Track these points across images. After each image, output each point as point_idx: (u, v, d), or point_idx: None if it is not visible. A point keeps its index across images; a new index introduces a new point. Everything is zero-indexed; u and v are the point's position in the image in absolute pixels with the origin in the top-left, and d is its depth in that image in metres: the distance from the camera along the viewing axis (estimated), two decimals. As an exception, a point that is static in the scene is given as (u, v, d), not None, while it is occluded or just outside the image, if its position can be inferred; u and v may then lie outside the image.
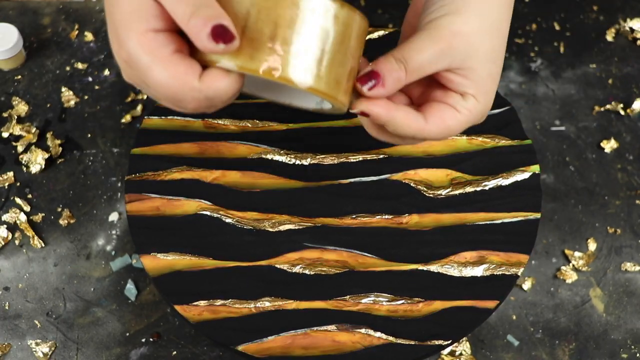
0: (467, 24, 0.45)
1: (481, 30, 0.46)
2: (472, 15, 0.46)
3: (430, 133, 0.47)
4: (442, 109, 0.47)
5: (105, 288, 0.67)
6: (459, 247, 0.55)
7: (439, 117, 0.46)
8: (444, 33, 0.45)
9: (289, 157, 0.59)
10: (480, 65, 0.46)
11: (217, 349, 0.64)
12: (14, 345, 0.64)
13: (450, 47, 0.45)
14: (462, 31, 0.45)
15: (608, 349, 0.65)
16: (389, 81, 0.45)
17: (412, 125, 0.46)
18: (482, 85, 0.46)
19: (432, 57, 0.45)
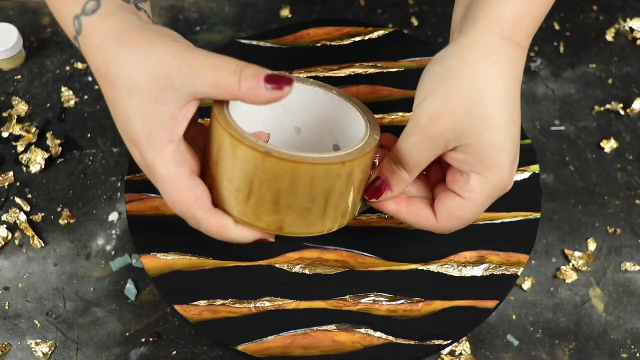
0: (445, 104, 0.43)
1: (466, 103, 0.43)
2: (450, 90, 0.44)
3: (444, 229, 0.47)
4: (449, 201, 0.46)
5: (105, 288, 0.67)
6: (459, 247, 0.55)
7: (447, 212, 0.46)
8: (424, 122, 0.44)
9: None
10: (476, 138, 0.43)
11: (217, 349, 0.64)
12: (14, 345, 0.64)
13: (434, 134, 0.44)
14: (441, 113, 0.43)
15: (608, 349, 0.65)
16: (394, 184, 0.47)
17: (424, 224, 0.47)
18: (485, 158, 0.44)
19: (424, 150, 0.44)
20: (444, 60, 0.45)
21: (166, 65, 0.42)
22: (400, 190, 0.47)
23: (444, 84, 0.44)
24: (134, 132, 0.43)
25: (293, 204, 0.43)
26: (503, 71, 0.44)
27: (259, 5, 0.83)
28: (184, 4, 0.83)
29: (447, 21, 0.82)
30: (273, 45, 0.64)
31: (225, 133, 0.42)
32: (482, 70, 0.44)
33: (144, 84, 0.42)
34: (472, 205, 0.45)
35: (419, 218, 0.47)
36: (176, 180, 0.43)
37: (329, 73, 0.62)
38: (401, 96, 0.62)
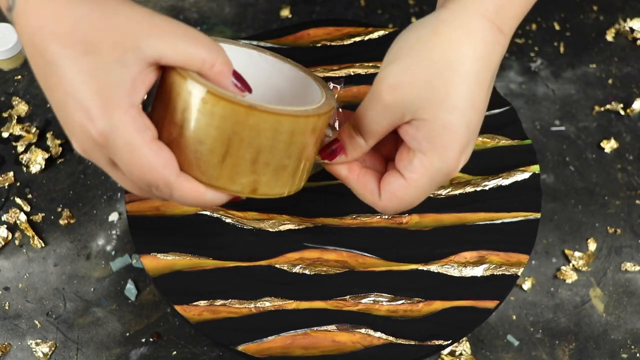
0: (407, 73, 0.42)
1: (430, 76, 0.41)
2: (416, 60, 0.42)
3: (385, 209, 0.46)
4: (393, 180, 0.45)
5: (105, 288, 0.67)
6: (459, 247, 0.55)
7: (389, 192, 0.45)
8: (382, 88, 0.42)
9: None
10: (432, 115, 0.42)
11: (217, 349, 0.64)
12: (14, 345, 0.64)
13: (391, 102, 0.42)
14: (402, 82, 0.42)
15: (608, 349, 0.65)
16: (350, 149, 0.46)
17: (368, 199, 0.46)
18: (435, 139, 0.42)
19: (380, 118, 0.43)
20: (417, 29, 0.43)
21: (134, 24, 0.39)
22: (354, 156, 0.46)
23: (411, 53, 0.42)
24: (87, 98, 0.39)
25: (271, 162, 0.42)
26: (476, 51, 0.42)
27: (259, 5, 0.83)
28: (184, 4, 0.83)
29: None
30: (273, 45, 0.64)
31: (197, 90, 0.40)
32: (454, 46, 0.42)
33: (105, 44, 0.38)
34: (413, 186, 0.44)
35: (365, 190, 0.46)
36: (142, 145, 0.39)
37: (329, 73, 0.62)
38: (401, 96, 0.62)
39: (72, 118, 0.39)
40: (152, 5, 0.82)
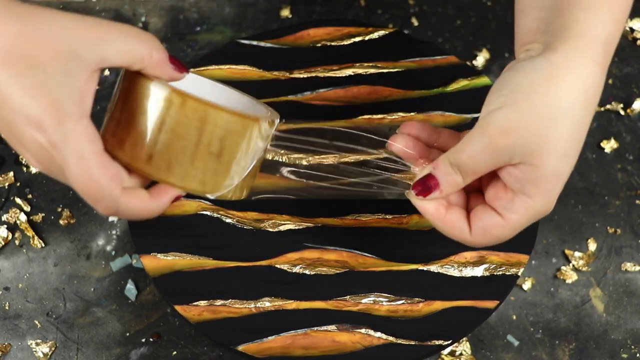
0: (525, 118, 0.42)
1: (544, 122, 0.42)
2: (531, 105, 0.42)
3: (476, 244, 0.46)
4: (487, 218, 0.45)
5: (105, 288, 0.67)
6: (459, 247, 0.55)
7: (483, 229, 0.45)
8: (494, 132, 0.42)
9: (289, 157, 0.59)
10: (544, 162, 0.42)
11: (217, 349, 0.64)
12: (14, 345, 0.64)
13: (502, 146, 0.42)
14: (516, 127, 0.42)
15: (608, 349, 0.65)
16: (445, 186, 0.45)
17: (457, 235, 0.46)
18: (543, 183, 0.43)
19: (487, 159, 0.43)
20: (530, 72, 0.43)
21: (68, 32, 0.39)
22: (449, 192, 0.46)
23: (525, 98, 0.42)
24: (37, 113, 0.38)
25: (200, 157, 0.44)
26: (587, 99, 0.43)
27: (259, 5, 0.83)
28: (184, 4, 0.83)
29: (447, 21, 0.82)
30: (273, 45, 0.64)
31: (165, 92, 0.42)
32: (568, 94, 0.42)
33: (46, 56, 0.38)
34: (511, 226, 0.44)
35: (453, 229, 0.46)
36: (92, 157, 0.40)
37: (329, 73, 0.62)
38: (401, 96, 0.62)
39: (23, 135, 0.40)
40: (152, 6, 0.82)
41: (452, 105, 0.61)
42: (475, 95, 0.61)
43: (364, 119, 0.60)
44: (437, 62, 0.63)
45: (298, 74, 0.62)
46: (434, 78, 0.62)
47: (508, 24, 0.82)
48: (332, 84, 0.62)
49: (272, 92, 0.62)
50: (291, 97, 0.61)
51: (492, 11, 0.83)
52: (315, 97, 0.61)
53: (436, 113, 0.61)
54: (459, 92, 0.62)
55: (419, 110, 0.61)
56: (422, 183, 0.46)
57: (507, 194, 0.44)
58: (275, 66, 0.63)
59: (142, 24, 0.81)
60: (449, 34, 0.81)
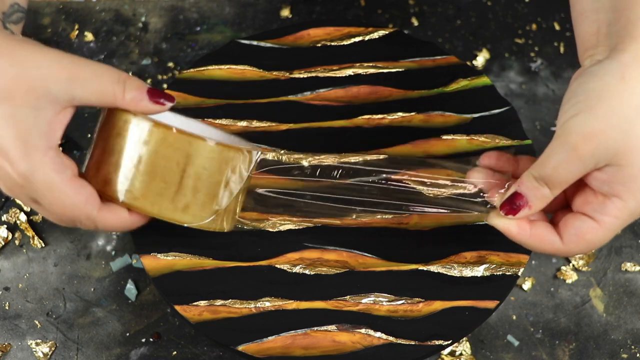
0: (604, 121, 0.42)
1: (625, 122, 0.42)
2: (609, 108, 0.42)
3: (569, 252, 0.46)
4: (579, 223, 0.44)
5: (105, 288, 0.67)
6: (459, 247, 0.55)
7: (576, 235, 0.45)
8: (575, 139, 0.42)
9: (289, 157, 0.59)
10: (629, 161, 0.42)
11: (217, 349, 0.64)
12: (14, 345, 0.64)
13: (586, 153, 0.42)
14: (598, 130, 0.42)
15: (608, 349, 0.65)
16: (534, 201, 0.45)
17: (548, 248, 0.46)
18: (632, 183, 0.42)
19: (572, 168, 0.43)
20: (602, 76, 0.43)
21: (44, 70, 0.41)
22: (539, 207, 0.45)
23: (602, 101, 0.42)
24: (6, 143, 0.40)
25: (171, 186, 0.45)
26: None
27: (259, 5, 0.83)
28: (184, 4, 0.83)
29: (447, 21, 0.82)
30: (273, 46, 0.64)
31: (144, 123, 0.43)
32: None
33: (18, 91, 0.40)
34: (606, 229, 0.44)
35: (543, 242, 0.46)
36: (62, 185, 0.42)
37: (329, 73, 0.62)
38: (401, 96, 0.62)
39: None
40: (152, 6, 0.82)
41: (452, 105, 0.61)
42: (475, 95, 0.61)
43: (364, 119, 0.60)
44: (437, 62, 0.63)
45: (298, 74, 0.62)
46: (434, 78, 0.62)
47: (508, 24, 0.82)
48: (332, 84, 0.62)
49: (272, 92, 0.62)
50: (291, 97, 0.61)
51: (492, 11, 0.83)
52: (315, 97, 0.61)
53: (436, 113, 0.61)
54: (459, 92, 0.62)
55: (419, 110, 0.61)
56: (510, 202, 0.46)
57: (598, 198, 0.44)
58: (275, 66, 0.63)
59: (142, 24, 0.81)
60: (449, 34, 0.81)
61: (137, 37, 0.80)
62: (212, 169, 0.45)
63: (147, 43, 0.80)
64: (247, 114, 0.61)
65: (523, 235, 0.46)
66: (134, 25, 0.81)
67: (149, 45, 0.79)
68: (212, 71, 0.62)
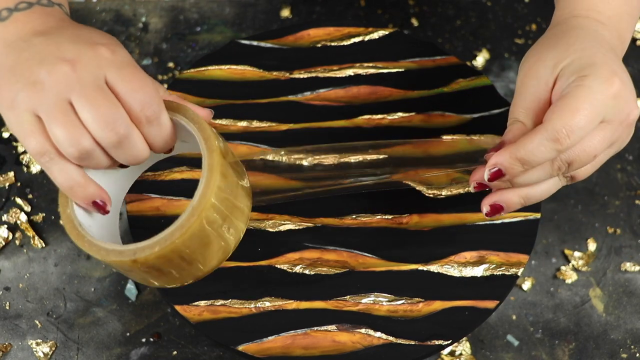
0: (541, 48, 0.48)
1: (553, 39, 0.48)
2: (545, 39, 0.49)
3: (556, 122, 0.44)
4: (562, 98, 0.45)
5: (106, 288, 0.67)
6: (459, 247, 0.55)
7: (556, 106, 0.45)
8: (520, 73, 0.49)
9: (289, 157, 0.59)
10: (576, 56, 0.46)
11: (217, 349, 0.64)
12: (15, 345, 0.64)
13: (531, 71, 0.47)
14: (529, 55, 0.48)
15: (608, 349, 0.65)
16: (510, 135, 0.48)
17: (537, 132, 0.45)
18: (584, 69, 0.45)
19: (526, 87, 0.47)
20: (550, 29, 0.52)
21: None
22: (516, 135, 0.47)
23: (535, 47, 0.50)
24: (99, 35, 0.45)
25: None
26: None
27: (259, 6, 0.83)
28: (184, 4, 0.83)
29: (447, 21, 0.82)
30: (273, 46, 0.64)
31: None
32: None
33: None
34: (589, 91, 0.44)
35: (533, 130, 0.45)
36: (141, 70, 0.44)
37: (329, 73, 0.62)
38: (401, 96, 0.62)
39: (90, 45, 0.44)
40: (153, 6, 0.82)
41: (452, 105, 0.61)
42: (475, 95, 0.61)
43: (364, 119, 0.60)
44: (437, 62, 0.63)
45: (298, 74, 0.62)
46: (434, 78, 0.62)
47: (508, 24, 0.82)
48: (332, 84, 0.62)
49: (272, 92, 0.62)
50: (291, 97, 0.61)
51: (492, 11, 0.83)
52: (315, 97, 0.61)
53: (436, 113, 0.61)
54: (459, 92, 0.62)
55: (419, 111, 0.61)
56: (494, 149, 0.48)
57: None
58: (275, 66, 0.63)
59: (142, 24, 0.81)
60: (449, 34, 0.81)
61: (138, 37, 0.80)
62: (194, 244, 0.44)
63: (148, 43, 0.80)
64: (247, 114, 0.61)
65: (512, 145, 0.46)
66: (134, 26, 0.81)
67: (149, 45, 0.79)
68: (212, 71, 0.62)
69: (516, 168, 0.45)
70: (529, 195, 0.48)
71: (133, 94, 0.42)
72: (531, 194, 0.48)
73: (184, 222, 0.43)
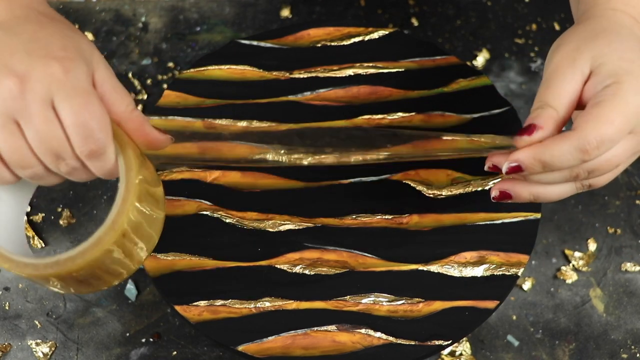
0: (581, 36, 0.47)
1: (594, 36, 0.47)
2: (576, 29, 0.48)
3: (585, 133, 0.44)
4: (583, 113, 0.45)
5: (106, 288, 0.67)
6: (459, 247, 0.55)
7: (590, 114, 0.44)
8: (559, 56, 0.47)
9: (289, 157, 0.59)
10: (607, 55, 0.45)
11: (217, 349, 0.64)
12: (14, 345, 0.64)
13: (575, 61, 0.46)
14: (578, 40, 0.47)
15: (608, 349, 0.65)
16: (544, 122, 0.46)
17: (566, 139, 0.44)
18: (618, 74, 0.44)
19: (564, 79, 0.46)
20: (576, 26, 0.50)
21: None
22: (550, 127, 0.46)
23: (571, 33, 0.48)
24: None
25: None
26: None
27: (259, 5, 0.83)
28: (184, 4, 0.83)
29: (447, 21, 0.82)
30: (273, 46, 0.64)
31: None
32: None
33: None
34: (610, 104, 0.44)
35: (558, 136, 0.45)
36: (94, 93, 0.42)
37: (329, 73, 0.62)
38: (401, 96, 0.62)
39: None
40: (152, 6, 0.82)
41: (452, 105, 0.61)
42: (475, 95, 0.61)
43: (364, 119, 0.60)
44: (437, 62, 0.63)
45: (298, 74, 0.62)
46: (434, 78, 0.62)
47: (508, 24, 0.82)
48: (332, 84, 0.62)
49: (272, 92, 0.62)
50: (291, 97, 0.61)
51: (492, 11, 0.83)
52: (315, 97, 0.61)
53: (436, 113, 0.61)
54: (459, 92, 0.62)
55: (419, 111, 0.61)
56: (523, 129, 0.47)
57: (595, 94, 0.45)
58: (275, 66, 0.63)
59: (142, 24, 0.81)
60: (449, 34, 0.81)
61: (137, 37, 0.80)
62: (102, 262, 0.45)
63: (147, 43, 0.80)
64: (247, 114, 0.61)
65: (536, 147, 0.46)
66: (134, 26, 0.81)
67: (149, 45, 0.79)
68: (212, 71, 0.62)
69: (536, 169, 0.45)
70: (540, 194, 0.48)
71: (76, 127, 0.41)
72: (542, 194, 0.48)
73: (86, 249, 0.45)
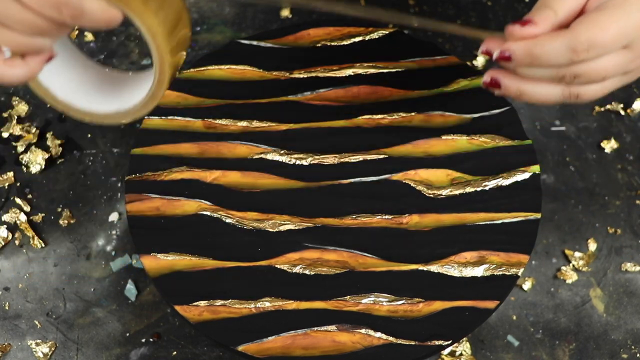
0: None
1: None
2: None
3: (581, 33, 0.44)
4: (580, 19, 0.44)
5: (105, 288, 0.67)
6: (459, 247, 0.55)
7: (587, 17, 0.44)
8: None
9: (289, 157, 0.59)
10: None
11: (217, 349, 0.64)
12: (14, 346, 0.64)
13: None
14: None
15: (608, 349, 0.65)
16: (539, 19, 0.45)
17: (559, 36, 0.44)
18: None
19: None
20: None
21: None
22: (544, 24, 0.45)
23: None
24: None
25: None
26: None
27: (259, 5, 0.83)
28: (184, 4, 0.83)
29: (447, 21, 0.82)
30: (273, 46, 0.64)
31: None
32: None
33: None
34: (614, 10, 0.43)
35: (551, 32, 0.45)
36: None
37: (329, 73, 0.62)
38: (401, 96, 0.62)
39: None
40: (152, 6, 0.82)
41: (452, 105, 0.61)
42: (475, 95, 0.61)
43: (364, 119, 0.60)
44: (437, 62, 0.63)
45: (298, 74, 0.62)
46: (434, 78, 0.62)
47: (508, 23, 0.82)
48: (332, 84, 0.62)
49: (272, 92, 0.62)
50: (291, 97, 0.61)
51: (492, 11, 0.83)
52: (315, 97, 0.61)
53: (436, 113, 0.61)
54: (459, 92, 0.62)
55: (419, 111, 0.61)
56: (517, 22, 0.46)
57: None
58: (275, 66, 0.63)
59: (142, 24, 0.81)
60: (449, 34, 0.81)
61: (137, 37, 0.80)
62: None
63: (147, 43, 0.80)
64: (247, 114, 0.61)
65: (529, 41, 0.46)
66: (134, 25, 0.81)
67: (149, 45, 0.79)
68: (212, 71, 0.62)
69: (525, 61, 0.45)
70: (527, 91, 0.48)
71: (44, 6, 0.40)
72: (528, 92, 0.48)
73: None
